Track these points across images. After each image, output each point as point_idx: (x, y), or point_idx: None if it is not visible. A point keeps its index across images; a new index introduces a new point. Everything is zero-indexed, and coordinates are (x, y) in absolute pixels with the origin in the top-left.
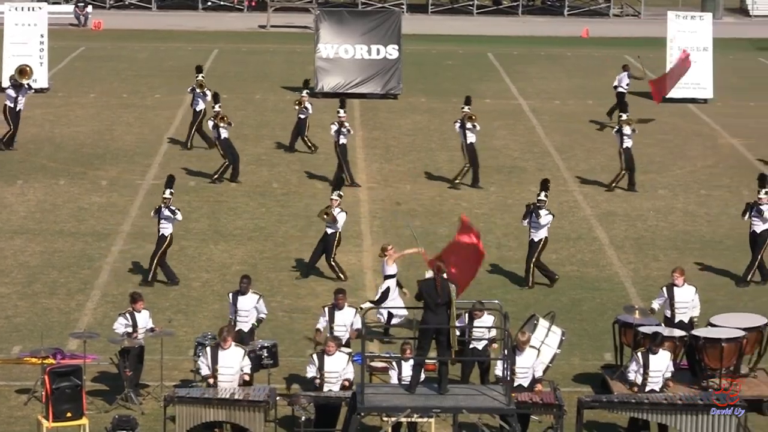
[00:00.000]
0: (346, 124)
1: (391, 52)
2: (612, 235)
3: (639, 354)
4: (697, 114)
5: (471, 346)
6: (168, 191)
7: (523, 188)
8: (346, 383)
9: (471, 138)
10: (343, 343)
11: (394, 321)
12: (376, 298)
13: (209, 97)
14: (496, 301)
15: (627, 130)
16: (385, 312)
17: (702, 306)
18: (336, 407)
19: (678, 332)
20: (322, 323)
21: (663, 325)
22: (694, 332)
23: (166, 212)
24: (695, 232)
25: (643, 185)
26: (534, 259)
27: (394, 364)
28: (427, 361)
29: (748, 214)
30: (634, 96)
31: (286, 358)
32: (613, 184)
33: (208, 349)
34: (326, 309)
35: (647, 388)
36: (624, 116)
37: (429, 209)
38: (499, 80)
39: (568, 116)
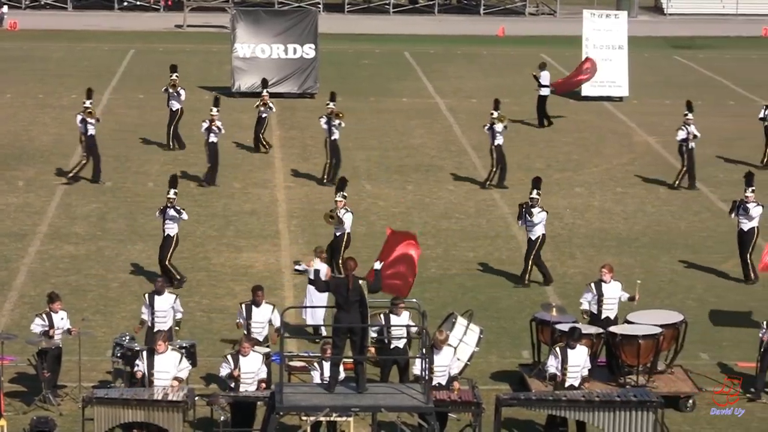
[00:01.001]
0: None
1: (308, 51)
2: None
3: (557, 349)
4: (613, 112)
5: (392, 346)
6: (172, 191)
7: (441, 187)
8: (263, 385)
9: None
10: (261, 340)
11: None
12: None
13: (183, 96)
14: (415, 300)
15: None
16: (309, 312)
17: (619, 303)
18: (252, 407)
19: (595, 329)
20: (240, 320)
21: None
22: (611, 329)
23: (172, 212)
24: (612, 230)
25: (559, 183)
26: (533, 257)
27: (316, 364)
28: (346, 360)
29: (735, 212)
30: (556, 94)
31: (205, 358)
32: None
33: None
34: (243, 306)
35: (566, 384)
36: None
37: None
38: (416, 79)
39: (485, 115)
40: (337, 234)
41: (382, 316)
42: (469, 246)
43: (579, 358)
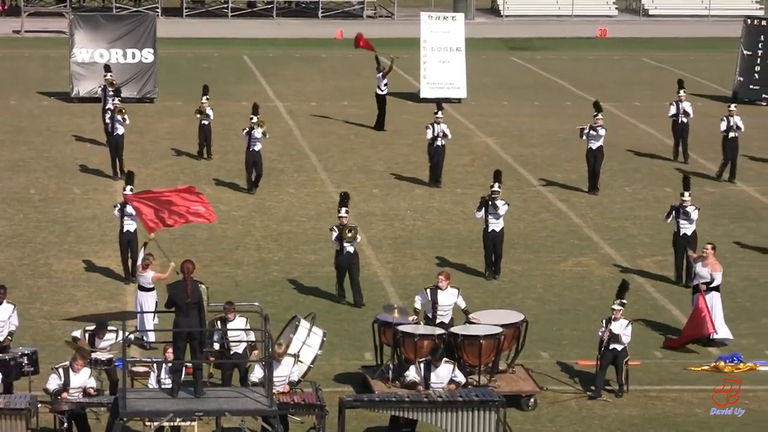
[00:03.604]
0: (258, 128)
1: (147, 55)
2: (370, 235)
3: (421, 365)
4: (452, 113)
5: (231, 351)
6: (129, 188)
7: (282, 190)
8: (90, 391)
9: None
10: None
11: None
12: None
13: (117, 98)
14: (257, 303)
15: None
16: (138, 318)
17: (454, 308)
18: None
19: (438, 330)
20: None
21: (423, 323)
22: (453, 330)
23: (129, 208)
24: (452, 231)
25: (400, 185)
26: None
27: (154, 366)
28: (188, 364)
29: (671, 216)
30: (394, 96)
31: (47, 365)
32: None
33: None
34: (87, 334)
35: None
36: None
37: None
38: (255, 82)
39: (324, 117)
40: (352, 251)
41: (218, 321)
42: (310, 249)
43: (442, 375)
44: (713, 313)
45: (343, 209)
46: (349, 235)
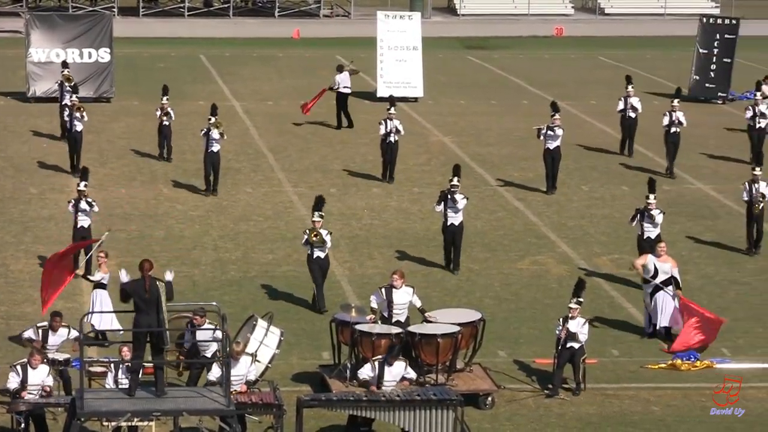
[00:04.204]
0: (215, 129)
1: (103, 55)
2: None
3: (376, 363)
4: (409, 112)
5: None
6: (83, 183)
7: (239, 189)
8: (47, 388)
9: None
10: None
11: None
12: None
13: (74, 95)
14: (214, 303)
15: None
16: (96, 317)
17: (409, 307)
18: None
19: (396, 329)
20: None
21: (380, 322)
22: (411, 329)
23: (83, 204)
24: (409, 230)
25: (357, 184)
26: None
27: (112, 366)
28: (146, 364)
29: (636, 220)
30: (351, 96)
31: (5, 365)
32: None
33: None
34: (41, 331)
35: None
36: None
37: (144, 212)
38: (212, 82)
39: (281, 117)
40: (322, 256)
41: (189, 325)
42: (267, 248)
43: (396, 373)
44: (666, 307)
45: (316, 213)
46: (315, 239)
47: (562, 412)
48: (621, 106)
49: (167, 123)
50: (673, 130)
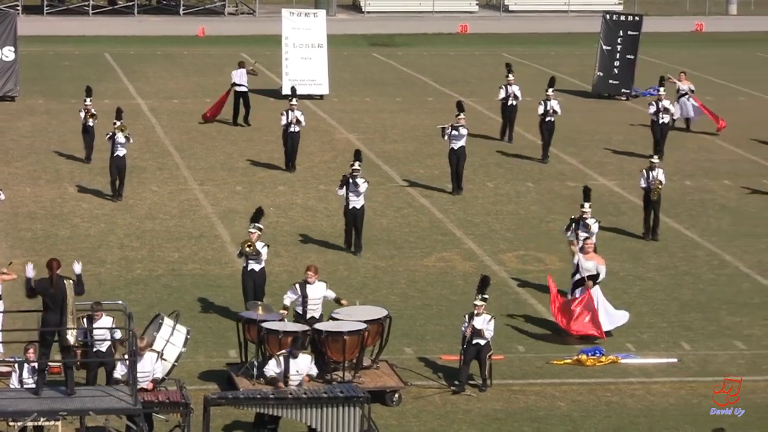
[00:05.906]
0: (120, 133)
1: (8, 54)
2: (233, 232)
3: (281, 358)
4: (314, 110)
5: (95, 349)
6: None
7: (144, 187)
8: None
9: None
10: None
11: None
12: None
13: None
14: (120, 302)
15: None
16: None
17: (324, 300)
18: None
19: (301, 327)
20: None
21: (291, 320)
22: (317, 326)
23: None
24: (315, 227)
25: (263, 182)
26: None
27: (16, 366)
28: (52, 363)
29: (571, 229)
30: (256, 93)
31: None
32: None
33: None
34: None
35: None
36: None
37: (50, 212)
38: (117, 80)
39: (187, 115)
40: (257, 269)
41: (84, 319)
42: (173, 246)
43: (301, 367)
44: (599, 307)
45: (253, 225)
46: (248, 249)
47: (469, 408)
48: (502, 94)
49: (91, 124)
50: (548, 119)
